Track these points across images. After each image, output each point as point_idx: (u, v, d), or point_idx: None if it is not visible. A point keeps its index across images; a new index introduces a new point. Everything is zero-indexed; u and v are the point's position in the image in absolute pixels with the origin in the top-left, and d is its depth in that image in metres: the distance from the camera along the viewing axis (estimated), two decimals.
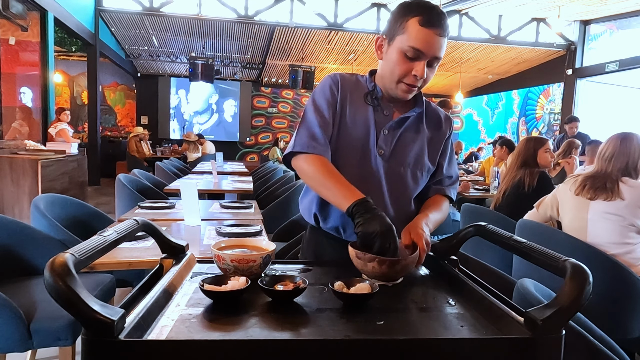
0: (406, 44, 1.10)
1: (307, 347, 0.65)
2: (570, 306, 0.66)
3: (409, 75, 1.13)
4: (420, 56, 1.10)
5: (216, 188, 4.13)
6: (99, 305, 0.60)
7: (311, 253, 1.33)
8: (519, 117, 11.22)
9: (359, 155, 1.21)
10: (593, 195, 2.06)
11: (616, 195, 2.01)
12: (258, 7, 8.30)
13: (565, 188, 2.22)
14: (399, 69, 1.13)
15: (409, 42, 1.09)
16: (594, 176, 2.12)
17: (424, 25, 1.08)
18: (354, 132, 1.21)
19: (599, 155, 2.15)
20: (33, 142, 5.33)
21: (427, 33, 1.08)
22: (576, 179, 2.19)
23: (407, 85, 1.15)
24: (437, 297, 0.89)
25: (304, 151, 1.16)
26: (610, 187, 2.03)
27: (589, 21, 8.90)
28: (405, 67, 1.13)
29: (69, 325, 1.60)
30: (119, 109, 12.41)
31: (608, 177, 2.07)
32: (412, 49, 1.10)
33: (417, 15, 1.09)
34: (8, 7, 5.12)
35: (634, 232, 2.01)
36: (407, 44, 1.10)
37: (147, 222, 0.94)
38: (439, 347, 0.67)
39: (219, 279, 0.85)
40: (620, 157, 2.07)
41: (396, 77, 1.15)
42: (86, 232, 2.38)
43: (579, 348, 1.16)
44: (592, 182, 2.09)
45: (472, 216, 3.07)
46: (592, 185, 2.09)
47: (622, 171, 2.06)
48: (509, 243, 0.87)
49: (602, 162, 2.11)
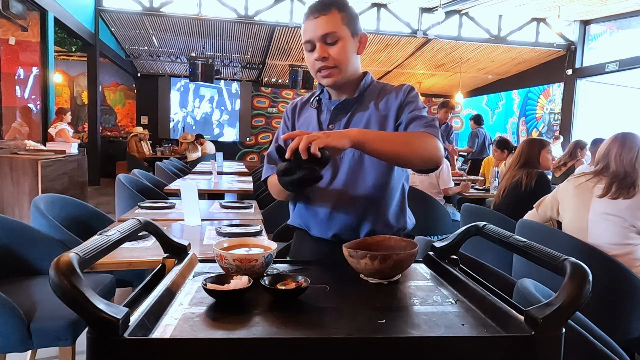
0: (303, 43, 1.25)
1: (310, 346, 0.66)
2: (570, 304, 0.66)
3: (315, 62, 1.24)
4: (313, 43, 1.22)
5: (216, 188, 4.13)
6: (104, 304, 0.60)
7: (294, 252, 1.44)
8: (519, 117, 11.22)
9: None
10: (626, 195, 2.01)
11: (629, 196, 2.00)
12: (258, 7, 8.30)
13: (567, 188, 2.22)
14: (309, 63, 1.27)
15: (303, 39, 1.25)
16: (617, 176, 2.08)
17: (304, 20, 1.24)
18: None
19: (607, 156, 2.13)
20: (33, 142, 5.33)
21: (306, 24, 1.23)
22: (580, 180, 2.17)
23: (318, 71, 1.24)
24: (438, 296, 0.89)
25: (267, 176, 1.37)
26: (629, 184, 2.02)
27: (589, 21, 8.91)
28: (312, 58, 1.24)
29: (69, 325, 1.60)
30: (119, 109, 12.40)
31: (629, 175, 2.05)
32: (306, 43, 1.24)
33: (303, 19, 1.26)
34: (8, 7, 5.12)
35: (635, 233, 2.01)
36: (303, 42, 1.25)
37: (150, 221, 0.94)
38: (441, 345, 0.68)
39: (221, 278, 0.85)
40: (628, 154, 2.08)
41: (312, 70, 1.27)
42: (86, 232, 2.38)
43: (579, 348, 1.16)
44: (619, 183, 2.05)
45: (472, 216, 3.07)
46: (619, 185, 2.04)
47: (633, 168, 2.06)
48: (509, 242, 0.88)
49: (617, 163, 2.09)
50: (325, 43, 1.20)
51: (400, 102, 1.25)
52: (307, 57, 1.26)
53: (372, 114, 1.25)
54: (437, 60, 10.31)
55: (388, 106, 1.26)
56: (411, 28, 8.77)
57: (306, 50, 1.26)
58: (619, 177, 2.07)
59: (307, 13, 1.22)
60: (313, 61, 1.24)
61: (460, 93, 10.45)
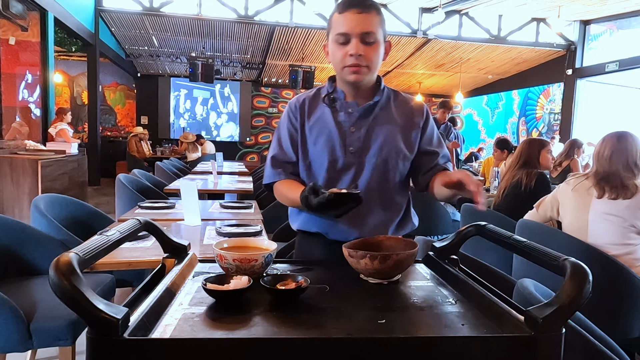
0: (334, 34, 1.22)
1: (310, 346, 0.66)
2: (570, 304, 0.66)
3: (346, 57, 1.21)
4: (348, 37, 1.20)
5: (216, 188, 4.13)
6: (103, 304, 0.60)
7: (301, 255, 1.41)
8: (519, 117, 11.22)
9: (331, 159, 1.27)
10: (615, 195, 2.02)
11: (632, 193, 2.00)
12: (258, 7, 8.30)
13: (566, 188, 2.22)
14: (337, 56, 1.23)
15: (335, 30, 1.21)
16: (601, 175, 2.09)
17: (341, 12, 1.21)
18: (320, 140, 1.28)
19: (597, 156, 2.15)
20: (33, 142, 5.33)
21: (345, 16, 1.20)
22: (580, 180, 2.18)
23: (349, 66, 1.22)
24: (438, 296, 0.89)
25: (272, 182, 1.33)
26: (618, 184, 2.02)
27: (589, 21, 8.91)
28: (342, 52, 1.22)
29: (69, 325, 1.60)
30: (119, 109, 12.40)
31: (613, 175, 2.06)
32: (339, 35, 1.21)
33: (336, 9, 1.23)
34: (8, 7, 5.11)
35: (634, 233, 2.01)
36: (334, 33, 1.22)
37: (150, 221, 0.94)
38: (440, 345, 0.68)
39: (221, 278, 0.85)
40: (620, 155, 2.08)
41: (339, 64, 1.24)
42: (86, 232, 2.38)
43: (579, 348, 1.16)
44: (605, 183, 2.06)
45: (472, 216, 3.07)
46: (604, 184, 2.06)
47: (624, 169, 2.06)
48: (509, 242, 0.88)
49: (603, 162, 2.11)
50: (362, 41, 1.19)
51: (423, 123, 1.33)
52: (335, 49, 1.23)
53: (395, 124, 1.30)
54: (437, 60, 10.30)
55: (412, 123, 1.32)
56: (411, 28, 8.77)
57: (335, 42, 1.22)
58: (600, 176, 2.09)
59: (346, 5, 1.19)
60: (343, 55, 1.21)
61: (460, 93, 10.45)
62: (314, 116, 1.31)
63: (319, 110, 1.32)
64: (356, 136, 1.27)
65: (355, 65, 1.21)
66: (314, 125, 1.30)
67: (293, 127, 1.33)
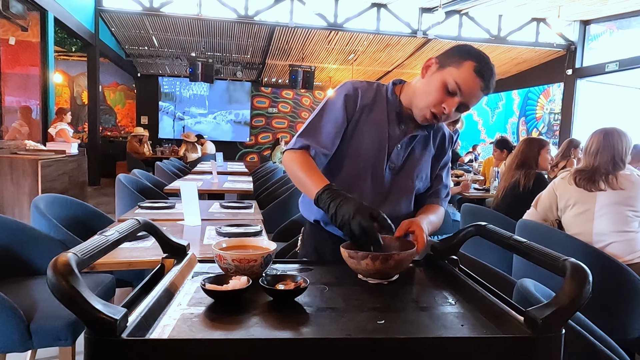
0: (453, 78, 1.15)
1: (309, 346, 0.66)
2: (570, 305, 0.66)
3: (439, 105, 1.17)
4: (457, 94, 1.15)
5: (216, 188, 4.13)
6: (101, 304, 0.60)
7: (312, 248, 1.36)
8: (519, 117, 11.22)
9: (369, 166, 1.26)
10: (589, 187, 2.14)
11: (612, 187, 2.10)
12: (258, 7, 8.30)
13: (564, 183, 2.24)
14: (434, 96, 1.17)
15: (457, 78, 1.14)
16: (583, 170, 2.20)
17: (476, 72, 1.14)
18: (366, 144, 1.26)
19: (584, 151, 2.24)
20: (33, 142, 5.32)
21: (475, 80, 1.14)
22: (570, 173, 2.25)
23: (432, 113, 1.19)
24: (437, 297, 0.89)
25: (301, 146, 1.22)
26: (599, 179, 2.13)
27: (589, 21, 8.90)
28: (440, 97, 1.17)
29: (68, 325, 1.60)
30: (119, 109, 12.40)
31: (596, 170, 2.15)
32: (456, 84, 1.14)
33: (475, 63, 1.14)
34: (8, 7, 5.11)
35: (634, 218, 2.09)
36: (454, 78, 1.14)
37: (149, 221, 0.94)
38: (440, 345, 0.67)
39: (220, 279, 0.85)
40: (605, 150, 2.15)
41: (427, 102, 1.19)
42: (86, 232, 2.37)
43: (579, 348, 1.16)
44: (581, 175, 2.18)
45: (472, 216, 3.07)
46: (582, 177, 2.17)
47: (610, 164, 2.14)
48: (509, 243, 0.88)
49: (589, 157, 2.20)
50: (463, 106, 1.18)
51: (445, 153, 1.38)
52: (438, 88, 1.16)
53: (429, 152, 1.34)
54: None
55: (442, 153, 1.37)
56: (411, 28, 8.76)
57: (442, 89, 1.16)
58: (585, 171, 2.19)
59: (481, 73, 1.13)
60: (440, 100, 1.17)
61: None
62: (372, 114, 1.27)
63: (377, 113, 1.27)
64: (400, 154, 1.29)
65: (437, 115, 1.19)
66: (365, 124, 1.26)
67: (345, 110, 1.25)
